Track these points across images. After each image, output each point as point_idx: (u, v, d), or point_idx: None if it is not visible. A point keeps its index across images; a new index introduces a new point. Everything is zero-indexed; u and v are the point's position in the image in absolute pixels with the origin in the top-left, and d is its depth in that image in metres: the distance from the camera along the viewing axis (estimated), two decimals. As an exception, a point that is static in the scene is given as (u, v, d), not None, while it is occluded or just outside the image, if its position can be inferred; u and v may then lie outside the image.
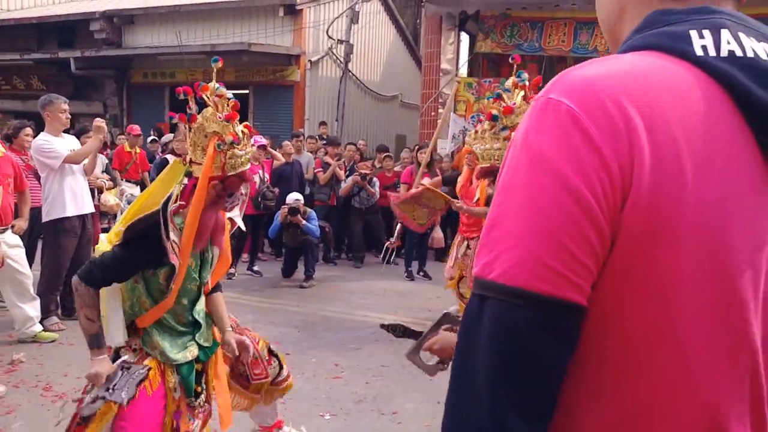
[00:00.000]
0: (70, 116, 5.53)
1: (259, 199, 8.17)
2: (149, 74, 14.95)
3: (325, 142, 10.54)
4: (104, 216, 7.56)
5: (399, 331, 1.97)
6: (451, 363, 0.94)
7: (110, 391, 2.41)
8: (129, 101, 15.60)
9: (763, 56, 0.90)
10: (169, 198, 2.47)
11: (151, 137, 11.54)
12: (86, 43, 15.14)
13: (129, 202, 4.92)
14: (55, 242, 5.38)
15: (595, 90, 0.87)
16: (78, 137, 6.16)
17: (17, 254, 4.99)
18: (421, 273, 8.74)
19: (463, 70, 13.02)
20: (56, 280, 5.57)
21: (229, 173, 2.52)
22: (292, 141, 9.63)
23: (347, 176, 9.48)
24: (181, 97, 2.58)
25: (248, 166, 2.60)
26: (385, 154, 10.36)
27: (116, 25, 15.03)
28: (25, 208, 5.24)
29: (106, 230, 6.63)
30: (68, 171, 5.43)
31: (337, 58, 14.65)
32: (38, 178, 5.60)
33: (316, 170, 9.47)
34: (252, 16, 13.99)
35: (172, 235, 2.42)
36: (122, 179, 8.98)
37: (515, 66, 3.91)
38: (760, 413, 0.93)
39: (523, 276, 0.85)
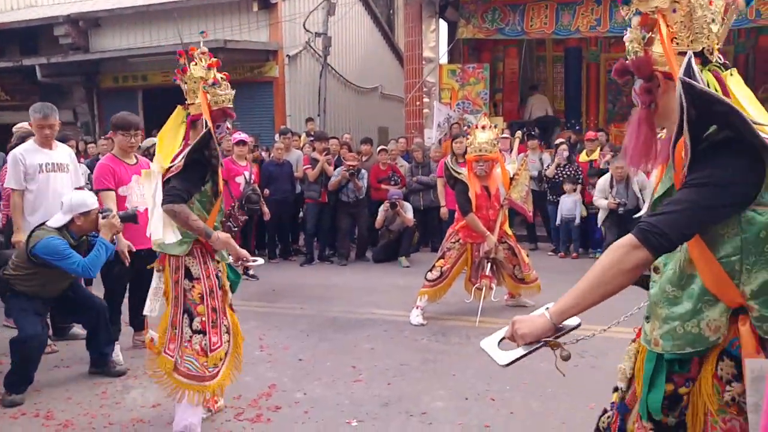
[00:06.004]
0: (51, 129, 5.03)
1: (243, 202, 7.56)
2: (120, 78, 14.49)
3: (312, 138, 10.20)
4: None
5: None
6: None
7: None
8: (100, 107, 15.06)
9: None
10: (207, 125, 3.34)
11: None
12: (51, 48, 14.58)
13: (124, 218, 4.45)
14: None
15: None
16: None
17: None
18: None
19: (444, 58, 12.85)
20: None
21: (213, 108, 3.43)
22: (281, 138, 9.27)
23: (336, 170, 9.18)
24: (180, 59, 3.50)
25: (229, 104, 3.51)
26: (381, 147, 10.05)
27: (82, 28, 14.54)
28: None
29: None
30: (43, 186, 5.02)
31: (315, 51, 14.35)
32: None
33: (305, 167, 9.16)
34: (225, 12, 13.62)
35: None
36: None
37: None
38: None
39: None
